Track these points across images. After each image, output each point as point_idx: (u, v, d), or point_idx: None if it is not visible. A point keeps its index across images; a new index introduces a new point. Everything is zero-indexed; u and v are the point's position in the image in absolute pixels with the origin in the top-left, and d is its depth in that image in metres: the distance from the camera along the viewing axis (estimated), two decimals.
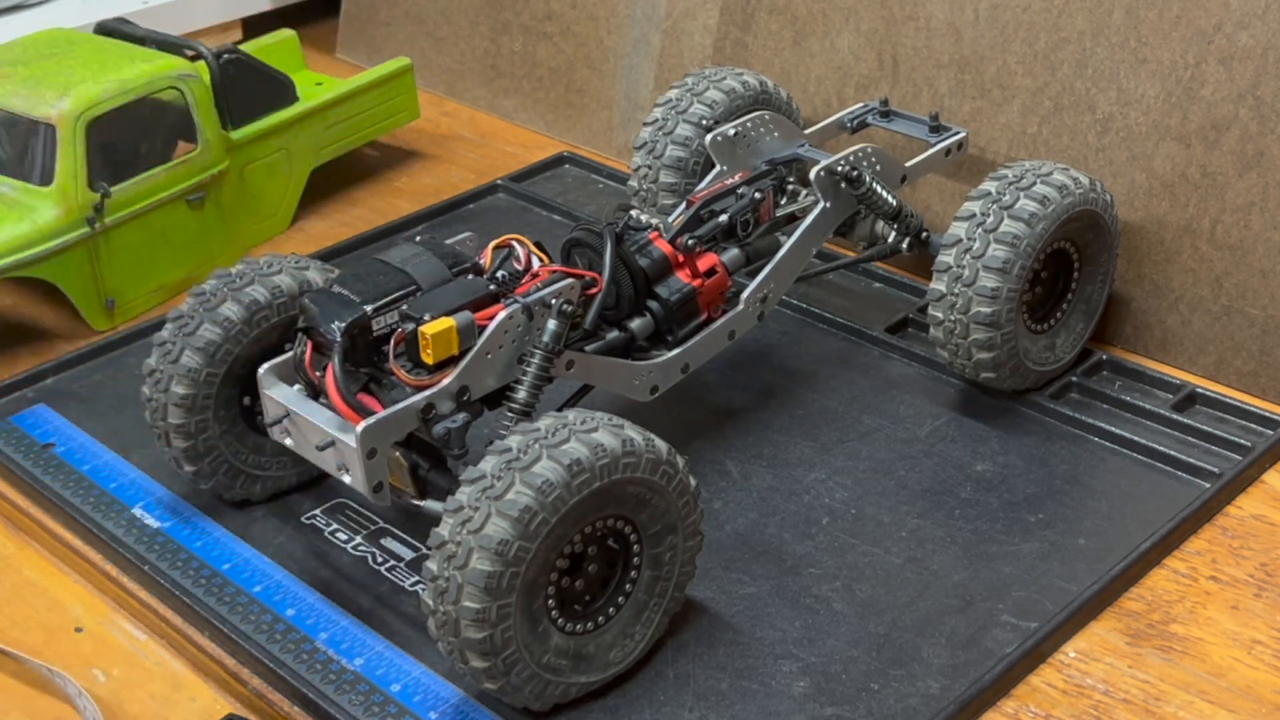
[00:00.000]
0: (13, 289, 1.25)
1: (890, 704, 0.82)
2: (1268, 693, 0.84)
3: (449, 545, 0.76)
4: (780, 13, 1.29)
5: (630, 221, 0.98)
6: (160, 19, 1.50)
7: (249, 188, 1.28)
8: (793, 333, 1.14)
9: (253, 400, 0.95)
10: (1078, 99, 1.13)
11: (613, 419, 0.80)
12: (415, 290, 0.88)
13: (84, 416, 1.07)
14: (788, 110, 1.20)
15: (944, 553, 0.93)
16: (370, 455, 0.83)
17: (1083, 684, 0.85)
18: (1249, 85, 1.05)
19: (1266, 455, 1.00)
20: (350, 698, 0.83)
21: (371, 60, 1.62)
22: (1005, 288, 0.98)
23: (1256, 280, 1.06)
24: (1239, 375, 1.08)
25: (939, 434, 1.03)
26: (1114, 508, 0.96)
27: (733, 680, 0.84)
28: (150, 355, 0.93)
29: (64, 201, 1.13)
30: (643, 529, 0.82)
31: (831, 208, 1.04)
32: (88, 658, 0.89)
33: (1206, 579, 0.92)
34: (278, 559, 0.93)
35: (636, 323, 0.95)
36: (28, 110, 1.13)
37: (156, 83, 1.17)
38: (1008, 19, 1.16)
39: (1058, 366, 1.06)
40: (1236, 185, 1.06)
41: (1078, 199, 1.01)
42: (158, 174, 1.19)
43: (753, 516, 0.96)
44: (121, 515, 0.97)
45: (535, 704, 0.81)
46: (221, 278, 0.94)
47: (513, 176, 1.39)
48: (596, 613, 0.83)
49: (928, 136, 1.13)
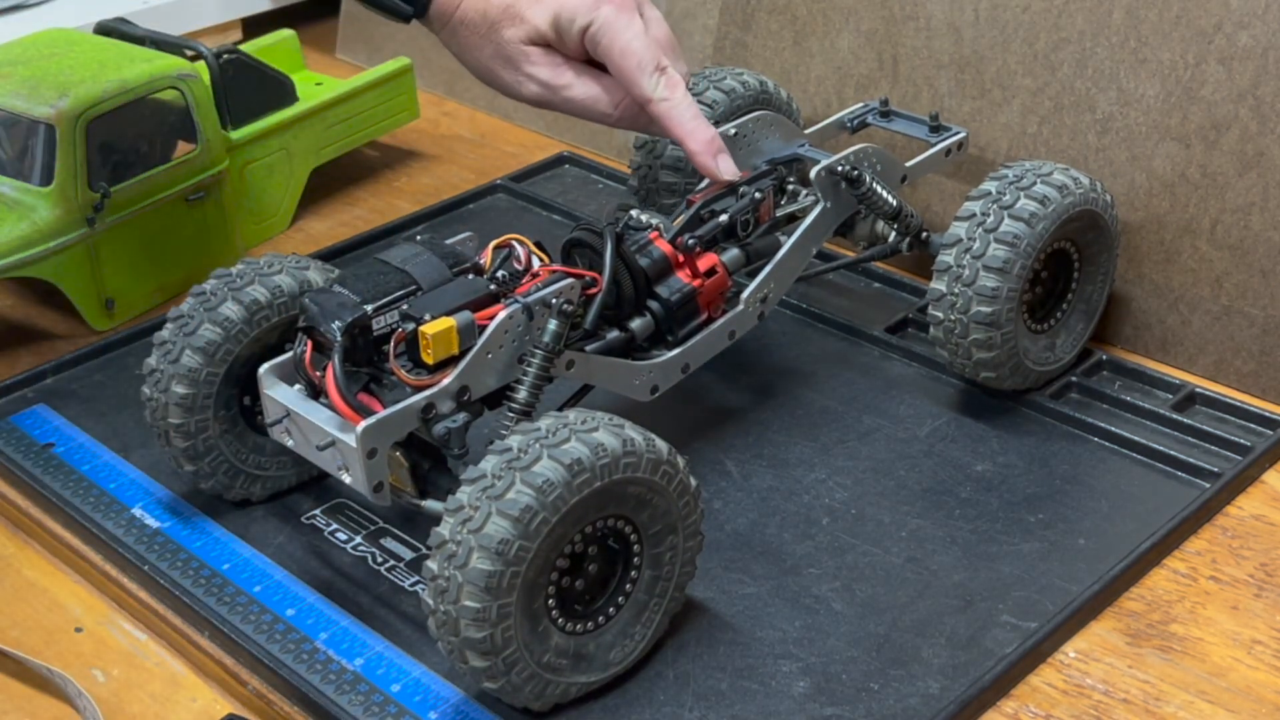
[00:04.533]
0: (13, 289, 1.25)
1: (890, 704, 0.82)
2: (1268, 693, 0.84)
3: (449, 545, 0.76)
4: (780, 13, 1.29)
5: (630, 221, 0.98)
6: (160, 19, 1.50)
7: (249, 188, 1.28)
8: (793, 333, 1.14)
9: (253, 400, 0.95)
10: (1078, 99, 1.13)
11: (613, 419, 0.80)
12: (415, 290, 0.88)
13: (84, 416, 1.07)
14: (788, 110, 1.20)
15: (944, 553, 0.93)
16: (370, 455, 0.83)
17: (1083, 684, 0.85)
18: (1249, 85, 1.05)
19: (1266, 455, 1.00)
20: (350, 698, 0.83)
21: (371, 60, 1.62)
22: (1005, 288, 0.98)
23: (1256, 280, 1.06)
24: (1239, 375, 1.08)
25: (939, 434, 1.03)
26: (1114, 508, 0.96)
27: (733, 680, 0.84)
28: (150, 355, 0.93)
29: (64, 201, 1.13)
30: (643, 529, 0.82)
31: (831, 208, 1.04)
32: (88, 658, 0.89)
33: (1206, 579, 0.92)
34: (278, 559, 0.93)
35: (637, 323, 0.95)
36: (28, 110, 1.13)
37: (156, 83, 1.17)
38: (1008, 19, 1.16)
39: (1058, 366, 1.06)
40: (1236, 185, 1.06)
41: (1078, 199, 1.01)
42: (158, 174, 1.19)
43: (753, 516, 0.96)
44: (121, 515, 0.97)
45: (535, 704, 0.81)
46: (221, 278, 0.94)
47: (513, 176, 1.39)
48: (597, 612, 0.83)
49: (928, 136, 1.13)
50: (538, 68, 1.02)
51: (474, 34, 1.03)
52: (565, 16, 1.01)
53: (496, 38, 1.03)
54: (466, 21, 1.03)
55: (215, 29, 1.61)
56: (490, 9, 1.02)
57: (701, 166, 1.00)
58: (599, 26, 0.99)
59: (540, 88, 1.04)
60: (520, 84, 1.04)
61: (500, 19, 1.02)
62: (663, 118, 1.00)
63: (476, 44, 1.04)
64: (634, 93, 1.01)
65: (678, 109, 1.00)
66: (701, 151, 1.00)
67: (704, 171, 1.00)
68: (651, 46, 1.00)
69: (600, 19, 0.99)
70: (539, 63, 1.02)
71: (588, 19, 1.00)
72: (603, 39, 1.00)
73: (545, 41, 1.02)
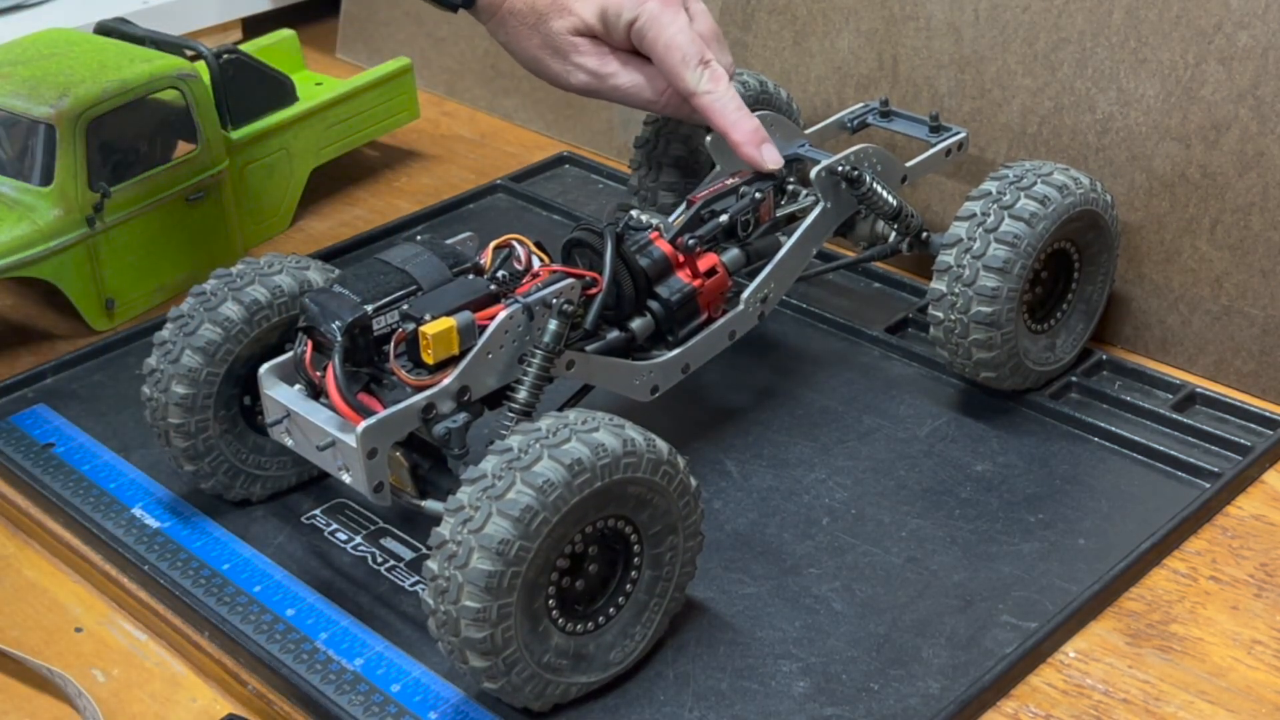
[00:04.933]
0: (13, 289, 1.25)
1: (890, 704, 0.82)
2: (1268, 693, 0.84)
3: (449, 545, 0.76)
4: (780, 13, 1.29)
5: (630, 221, 0.98)
6: (160, 19, 1.50)
7: (249, 188, 1.28)
8: (793, 333, 1.14)
9: (253, 400, 0.95)
10: (1078, 99, 1.13)
11: (613, 419, 0.80)
12: (416, 290, 0.88)
13: (84, 416, 1.07)
14: (788, 110, 1.20)
15: (944, 553, 0.93)
16: (371, 455, 0.83)
17: (1083, 684, 0.85)
18: (1249, 85, 1.05)
19: (1266, 455, 1.00)
20: (350, 698, 0.83)
21: (371, 60, 1.62)
22: (1005, 288, 0.98)
23: (1256, 280, 1.06)
24: (1239, 375, 1.08)
25: (939, 434, 1.03)
26: (1114, 508, 0.96)
27: (733, 680, 0.84)
28: (150, 355, 0.93)
29: (64, 201, 1.13)
30: (643, 529, 0.82)
31: (832, 208, 1.04)
32: (88, 658, 0.89)
33: (1206, 579, 0.92)
34: (278, 559, 0.93)
35: (637, 323, 0.95)
36: (27, 110, 1.13)
37: (156, 83, 1.17)
38: (1008, 19, 1.16)
39: (1058, 366, 1.06)
40: (1236, 185, 1.06)
41: (1078, 199, 1.01)
42: (158, 174, 1.19)
43: (753, 516, 0.96)
44: (121, 515, 0.97)
45: (535, 704, 0.81)
46: (221, 278, 0.94)
47: (513, 176, 1.39)
48: (597, 613, 0.83)
49: (928, 136, 1.13)
50: (585, 57, 1.05)
51: (522, 24, 1.06)
52: (612, 10, 1.03)
53: (545, 28, 1.05)
54: (515, 12, 1.06)
55: (215, 29, 1.61)
56: (538, 1, 1.05)
57: (746, 157, 1.03)
58: (645, 21, 1.02)
59: (589, 76, 1.06)
60: (569, 73, 1.07)
61: (548, 10, 1.05)
62: (706, 110, 1.03)
63: (525, 34, 1.06)
64: (678, 86, 1.03)
65: (721, 100, 1.02)
66: (746, 142, 1.02)
67: (749, 162, 1.03)
68: (695, 40, 1.02)
69: (646, 13, 1.02)
70: (586, 53, 1.05)
71: (634, 13, 1.02)
72: (648, 33, 1.02)
73: (592, 33, 1.05)
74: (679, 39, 1.02)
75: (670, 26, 1.02)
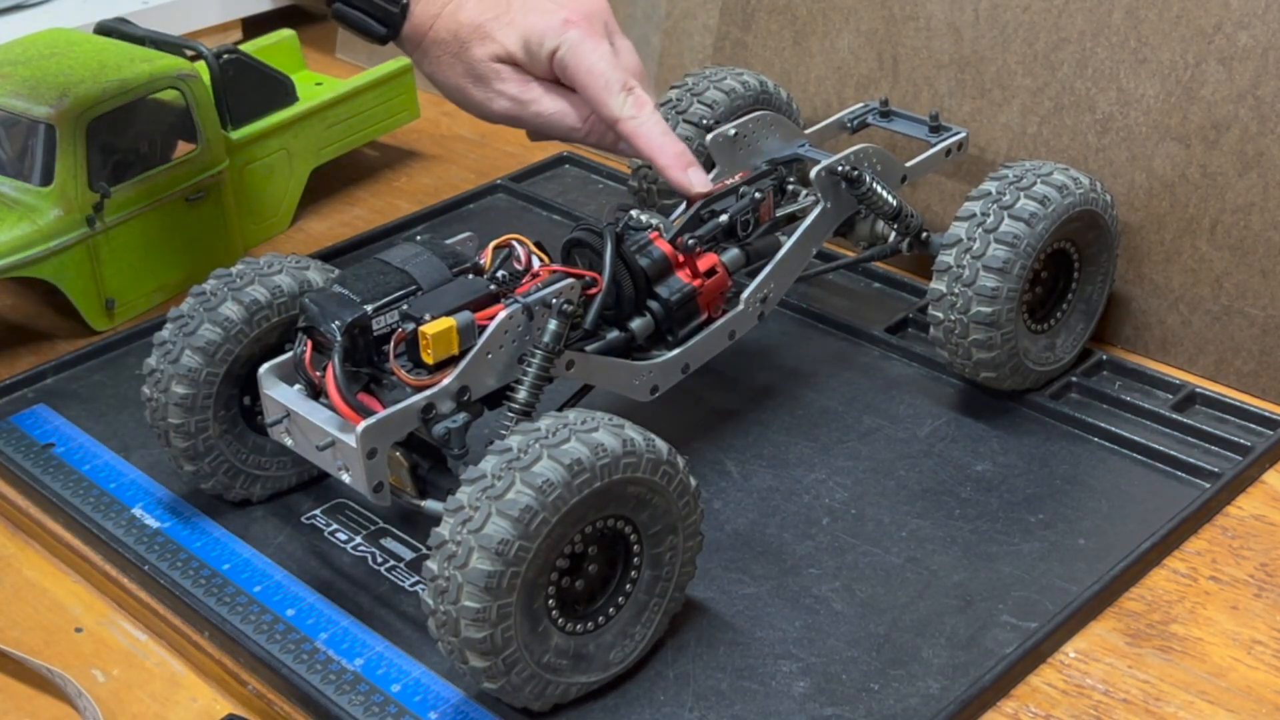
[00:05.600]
0: (13, 289, 1.25)
1: (890, 704, 0.82)
2: (1268, 693, 0.84)
3: (449, 545, 0.76)
4: (780, 13, 1.29)
5: (630, 221, 0.98)
6: (160, 19, 1.50)
7: (249, 188, 1.28)
8: (793, 333, 1.14)
9: (253, 400, 0.95)
10: (1078, 99, 1.13)
11: (613, 419, 0.80)
12: (415, 290, 0.88)
13: (84, 416, 1.07)
14: (788, 110, 1.20)
15: (944, 553, 0.93)
16: (370, 455, 0.83)
17: (1083, 684, 0.85)
18: (1249, 85, 1.05)
19: (1266, 455, 1.00)
20: (350, 698, 0.83)
21: (371, 60, 1.62)
22: (1005, 288, 0.98)
23: (1256, 280, 1.06)
24: (1239, 375, 1.08)
25: (939, 434, 1.03)
26: (1114, 508, 0.96)
27: (733, 680, 0.84)
28: (150, 355, 0.93)
29: (64, 201, 1.13)
30: (643, 529, 0.82)
31: (831, 208, 1.04)
32: (88, 658, 0.89)
33: (1206, 579, 0.92)
34: (278, 559, 0.93)
35: (637, 323, 0.95)
36: (28, 110, 1.13)
37: (156, 83, 1.17)
38: (1008, 19, 1.16)
39: (1058, 366, 1.06)
40: (1236, 185, 1.06)
41: (1078, 199, 1.01)
42: (158, 174, 1.19)
43: (753, 516, 0.96)
44: (121, 515, 0.97)
45: (535, 704, 0.81)
46: (221, 278, 0.94)
47: (513, 176, 1.39)
48: (597, 613, 0.83)
49: (928, 136, 1.13)
50: (507, 84, 1.04)
51: (445, 53, 1.05)
52: (534, 39, 1.02)
53: (467, 56, 1.04)
54: (438, 41, 1.05)
55: (215, 29, 1.61)
56: (461, 29, 1.04)
57: (673, 181, 1.01)
58: (567, 49, 1.01)
59: (510, 103, 1.05)
60: (490, 100, 1.06)
61: (471, 38, 1.04)
62: (631, 135, 1.02)
63: (448, 63, 1.06)
64: (602, 113, 1.02)
65: (645, 125, 1.01)
66: (671, 166, 1.01)
67: (675, 186, 1.01)
68: (618, 68, 1.02)
69: (568, 42, 1.01)
70: (509, 80, 1.04)
71: (556, 41, 1.02)
72: (570, 61, 1.02)
73: (514, 61, 1.04)
74: (600, 65, 1.01)
75: (592, 54, 1.01)
